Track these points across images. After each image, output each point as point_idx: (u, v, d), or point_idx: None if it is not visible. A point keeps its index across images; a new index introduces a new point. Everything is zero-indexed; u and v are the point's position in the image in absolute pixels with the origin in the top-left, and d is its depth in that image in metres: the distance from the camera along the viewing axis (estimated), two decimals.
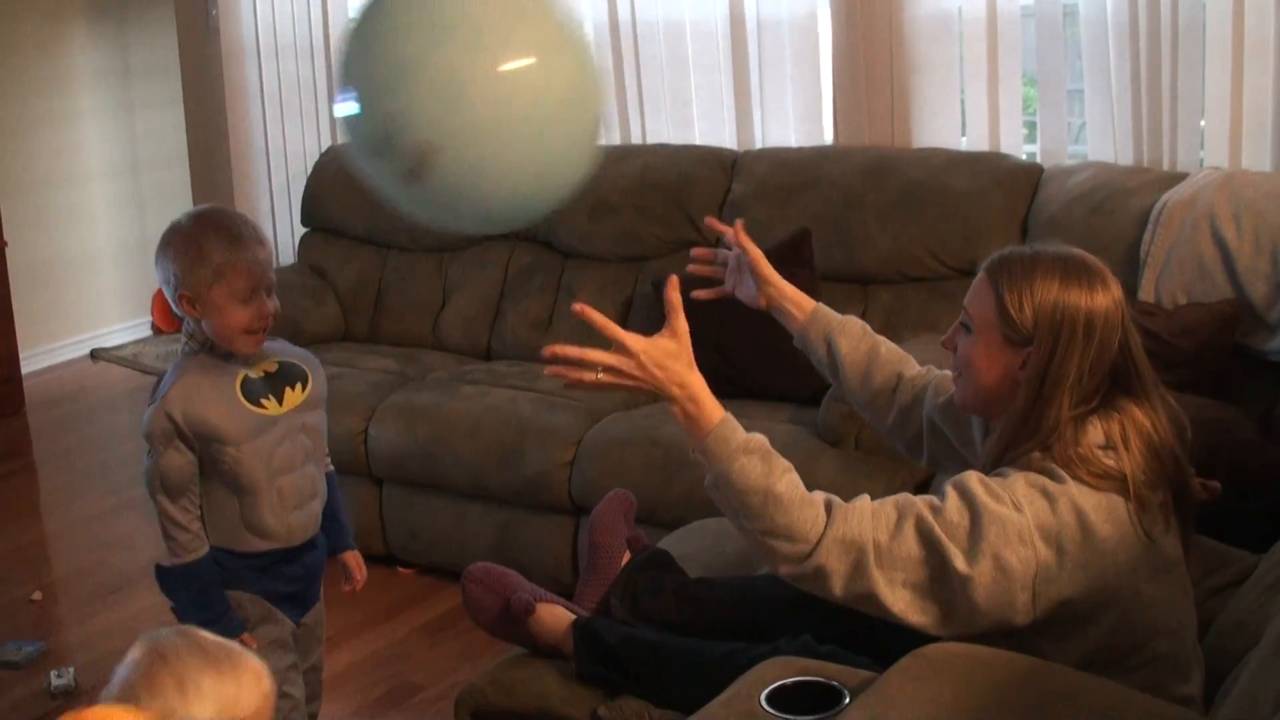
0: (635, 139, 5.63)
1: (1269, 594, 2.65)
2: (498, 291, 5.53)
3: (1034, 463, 2.40)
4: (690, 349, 2.41)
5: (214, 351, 3.07)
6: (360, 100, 2.30)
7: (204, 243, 3.00)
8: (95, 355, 7.88)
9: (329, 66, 6.32)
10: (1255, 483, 3.40)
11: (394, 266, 5.78)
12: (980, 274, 2.54)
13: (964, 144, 5.05)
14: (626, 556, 3.19)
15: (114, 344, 7.99)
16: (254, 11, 6.36)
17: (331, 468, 3.37)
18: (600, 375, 2.38)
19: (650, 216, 5.21)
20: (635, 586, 3.10)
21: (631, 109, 5.62)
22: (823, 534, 2.32)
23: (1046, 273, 2.45)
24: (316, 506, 3.22)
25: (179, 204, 7.43)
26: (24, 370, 7.10)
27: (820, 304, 3.00)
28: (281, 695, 3.17)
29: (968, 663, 2.29)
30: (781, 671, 2.45)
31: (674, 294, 2.42)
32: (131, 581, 5.01)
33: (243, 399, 3.06)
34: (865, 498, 2.39)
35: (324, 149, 6.28)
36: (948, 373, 2.83)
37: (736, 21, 5.32)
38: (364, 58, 2.32)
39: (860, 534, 2.32)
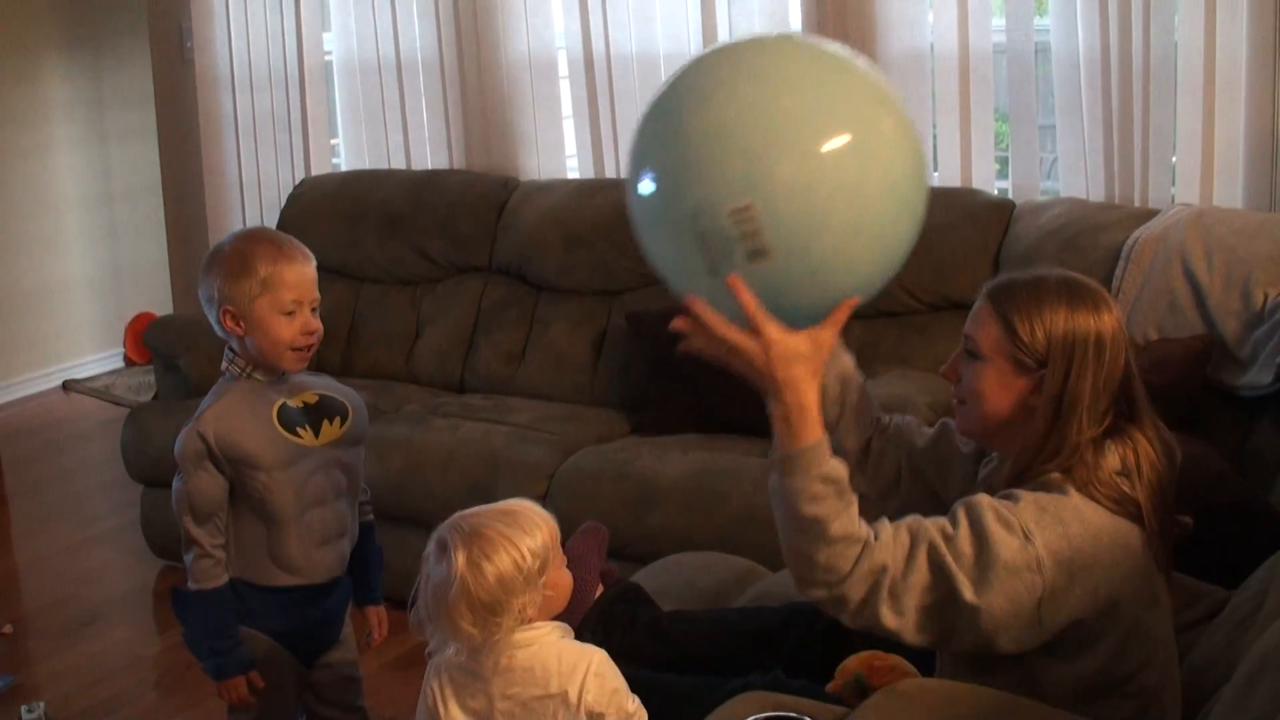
0: (610, 173, 5.64)
1: (1241, 630, 2.65)
2: (471, 324, 5.53)
3: (1052, 483, 2.41)
4: (823, 359, 2.38)
5: (255, 377, 3.05)
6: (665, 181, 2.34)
7: (250, 255, 2.99)
8: (68, 386, 7.86)
9: (303, 99, 6.33)
10: (1227, 518, 3.41)
11: (367, 299, 5.78)
12: (982, 301, 2.53)
13: (936, 179, 5.07)
14: (599, 590, 3.18)
15: (86, 375, 7.97)
16: (229, 43, 6.36)
17: (370, 516, 3.33)
18: (727, 351, 2.34)
19: (624, 250, 5.21)
20: (608, 620, 3.10)
21: (605, 142, 5.63)
22: (851, 570, 2.31)
23: (1053, 296, 2.45)
24: (345, 546, 3.18)
25: (153, 235, 7.46)
26: None
27: (840, 342, 2.95)
28: None
29: (940, 699, 2.29)
30: (753, 707, 2.45)
31: (843, 312, 2.36)
32: (104, 615, 5.00)
33: (278, 425, 3.03)
34: (884, 522, 2.38)
35: (298, 181, 6.28)
36: (910, 418, 2.84)
37: None
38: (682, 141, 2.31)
39: (880, 562, 2.32)
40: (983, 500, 2.37)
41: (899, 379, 4.45)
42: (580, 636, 3.04)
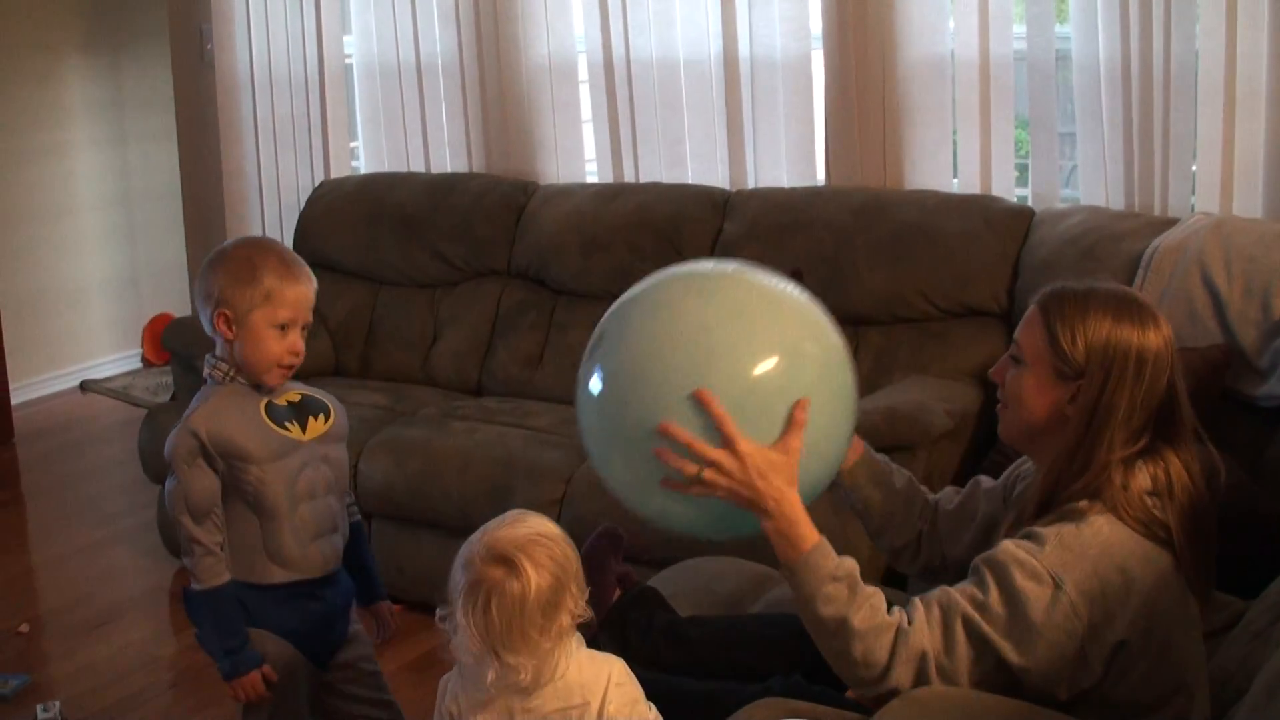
0: (628, 177, 5.64)
1: (1258, 641, 2.65)
2: (489, 328, 5.53)
3: (1076, 512, 2.41)
4: (796, 468, 2.39)
5: (239, 381, 3.09)
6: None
7: (258, 265, 3.03)
8: (85, 387, 7.87)
9: (323, 101, 6.34)
10: (1244, 528, 3.40)
11: (385, 301, 5.78)
12: (1032, 307, 2.55)
13: (955, 186, 5.07)
14: (616, 593, 3.18)
15: (104, 376, 7.98)
16: (249, 45, 6.37)
17: (358, 517, 3.37)
18: (703, 473, 2.37)
19: (642, 255, 5.22)
20: (625, 624, 3.10)
21: (624, 147, 5.63)
22: (891, 659, 2.33)
23: (1100, 308, 2.46)
24: (338, 541, 3.22)
25: (171, 237, 7.47)
26: (13, 401, 7.09)
27: (867, 446, 2.94)
28: None
29: (957, 706, 2.29)
30: (771, 712, 2.45)
31: (801, 414, 2.39)
32: (119, 615, 5.00)
33: (267, 420, 3.08)
34: (915, 604, 2.39)
35: (317, 183, 6.29)
36: (946, 491, 2.85)
37: (730, 61, 5.33)
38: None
39: (919, 648, 2.34)
40: (1005, 555, 2.37)
41: (918, 385, 4.44)
42: (597, 640, 3.04)
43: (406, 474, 4.73)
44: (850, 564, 2.40)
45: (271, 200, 6.50)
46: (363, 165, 6.46)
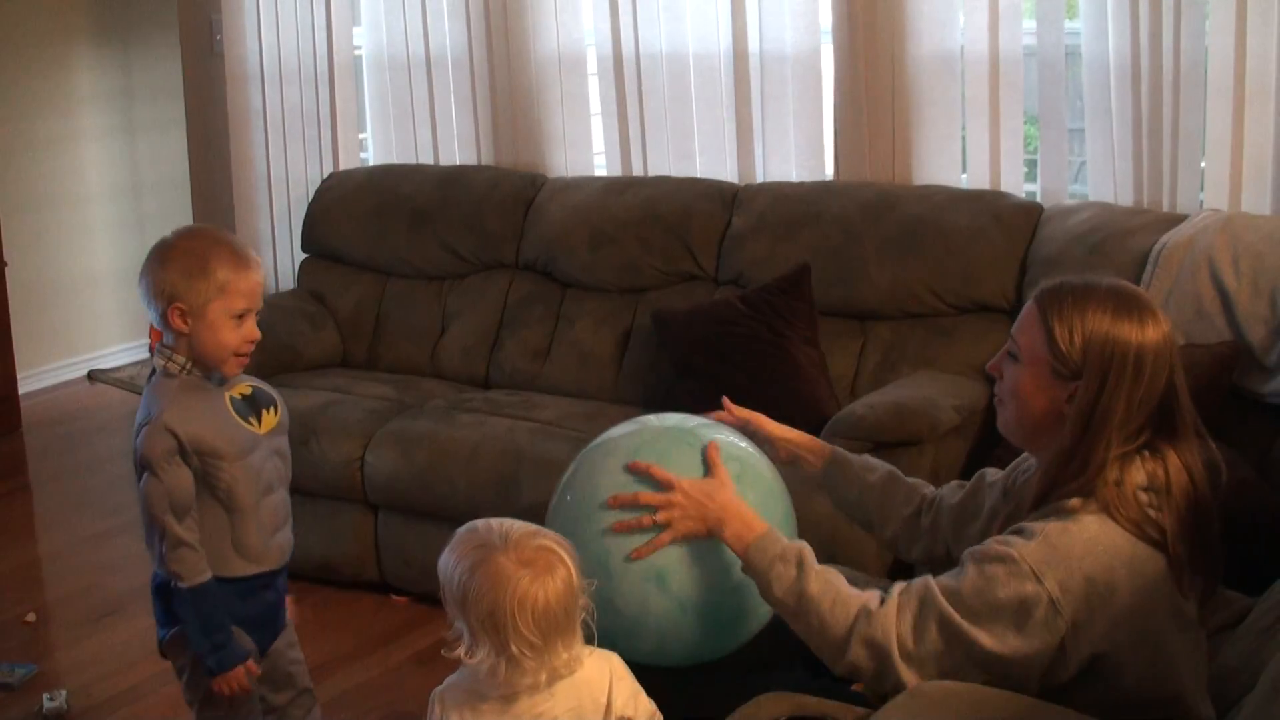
0: (637, 171, 5.64)
1: (1264, 637, 2.64)
2: (497, 320, 5.53)
3: (1068, 510, 2.39)
4: (733, 489, 2.60)
5: (194, 373, 3.08)
6: None
7: (210, 258, 3.02)
8: (93, 377, 7.88)
9: (332, 93, 6.33)
10: (1251, 525, 3.40)
11: (394, 293, 5.78)
12: (1030, 304, 2.52)
13: (964, 181, 5.06)
14: None
15: (112, 366, 7.99)
16: (258, 36, 6.37)
17: None
18: (657, 517, 2.56)
19: (650, 248, 5.22)
20: None
21: (633, 141, 5.63)
22: (849, 632, 2.37)
23: (1098, 305, 2.43)
24: (289, 532, 3.26)
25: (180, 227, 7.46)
26: (21, 390, 7.10)
27: (836, 447, 3.03)
28: None
29: (963, 701, 2.29)
30: (776, 707, 2.45)
31: (715, 455, 2.65)
32: (126, 604, 5.00)
33: (234, 415, 3.10)
34: (894, 589, 2.41)
35: (325, 175, 6.29)
36: (949, 485, 2.86)
37: (740, 55, 5.33)
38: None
39: (885, 635, 2.35)
40: (988, 545, 2.39)
41: (925, 381, 4.44)
42: None
43: (414, 466, 4.73)
44: (800, 546, 2.48)
45: (280, 192, 6.50)
46: (371, 157, 6.46)
